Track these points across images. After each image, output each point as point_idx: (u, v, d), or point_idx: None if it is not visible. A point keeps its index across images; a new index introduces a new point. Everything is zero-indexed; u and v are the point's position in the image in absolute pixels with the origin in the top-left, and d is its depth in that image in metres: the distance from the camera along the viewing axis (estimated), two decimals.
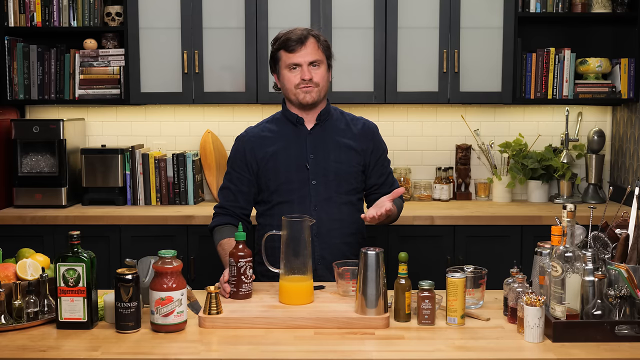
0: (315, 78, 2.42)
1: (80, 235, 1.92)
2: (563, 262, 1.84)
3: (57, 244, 3.37)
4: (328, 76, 2.48)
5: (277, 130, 2.51)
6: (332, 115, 2.53)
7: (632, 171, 3.64)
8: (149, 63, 3.65)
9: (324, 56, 2.45)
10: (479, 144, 3.94)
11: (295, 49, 2.39)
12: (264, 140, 2.49)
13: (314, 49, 2.42)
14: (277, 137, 2.49)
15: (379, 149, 2.56)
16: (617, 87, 3.68)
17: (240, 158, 2.50)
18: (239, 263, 2.14)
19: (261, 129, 2.54)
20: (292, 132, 2.49)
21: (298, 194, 2.44)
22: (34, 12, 3.67)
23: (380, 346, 1.82)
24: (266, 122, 2.56)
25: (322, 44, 2.45)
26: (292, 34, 2.41)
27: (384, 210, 2.27)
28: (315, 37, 2.43)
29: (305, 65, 2.40)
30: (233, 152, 2.54)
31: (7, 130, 3.66)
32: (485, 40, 3.63)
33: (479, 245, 3.42)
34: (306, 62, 2.40)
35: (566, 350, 1.77)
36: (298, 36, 2.40)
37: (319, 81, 2.43)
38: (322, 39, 2.47)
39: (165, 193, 3.72)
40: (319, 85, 2.43)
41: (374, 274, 1.95)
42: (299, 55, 2.40)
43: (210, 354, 1.77)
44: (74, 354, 1.76)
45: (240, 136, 2.55)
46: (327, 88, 2.49)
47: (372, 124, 2.58)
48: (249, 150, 2.49)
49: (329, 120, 2.52)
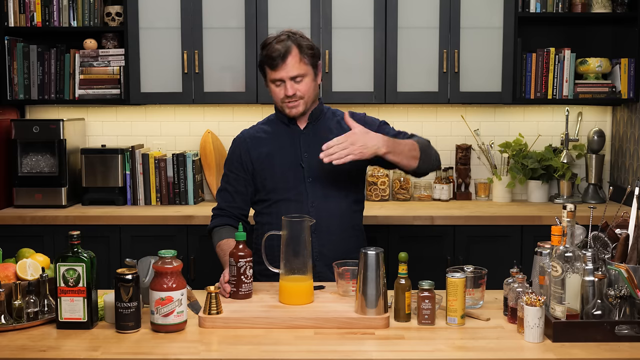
0: (299, 92, 2.39)
1: (80, 235, 1.92)
2: (563, 262, 1.84)
3: (57, 244, 3.37)
4: (315, 83, 2.44)
5: (271, 131, 2.53)
6: (324, 114, 2.54)
7: (632, 171, 3.64)
8: (149, 63, 3.65)
9: (307, 66, 2.39)
10: (479, 144, 3.94)
11: (276, 66, 2.36)
12: (258, 140, 2.51)
13: (295, 62, 2.36)
14: (272, 138, 2.51)
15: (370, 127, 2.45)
16: (617, 87, 3.68)
17: (237, 159, 2.52)
18: (239, 263, 2.14)
19: (256, 130, 2.57)
20: (286, 132, 2.51)
21: (294, 192, 2.45)
22: (34, 12, 3.67)
23: (380, 346, 1.81)
24: (261, 124, 2.59)
25: (306, 53, 2.38)
26: (273, 50, 2.35)
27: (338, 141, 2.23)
28: (297, 47, 2.37)
29: (288, 81, 2.37)
30: (229, 154, 2.56)
31: (7, 130, 3.66)
32: (485, 40, 3.63)
33: (479, 245, 3.42)
34: (288, 78, 2.37)
35: (566, 350, 1.77)
36: (278, 52, 2.34)
37: (304, 94, 2.40)
38: (306, 45, 2.39)
39: (165, 193, 3.72)
40: (304, 97, 2.41)
41: (374, 274, 1.95)
42: (281, 72, 2.36)
43: (210, 354, 1.77)
44: (74, 354, 1.76)
45: (236, 138, 2.58)
46: (315, 94, 2.46)
47: (359, 114, 2.55)
48: (244, 151, 2.51)
49: (322, 119, 2.53)
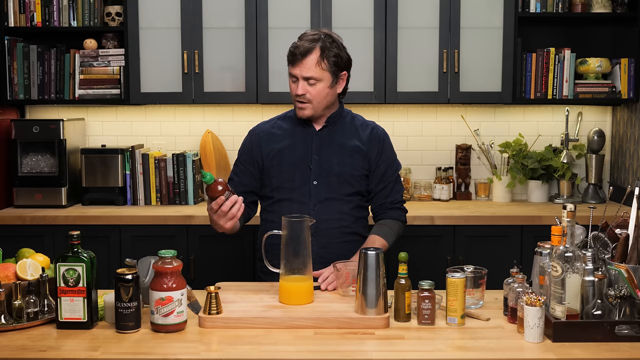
0: (309, 94, 2.37)
1: (80, 235, 1.92)
2: (563, 262, 1.84)
3: (57, 244, 3.37)
4: (331, 91, 2.40)
5: (286, 128, 2.51)
6: (343, 118, 2.52)
7: (632, 171, 3.64)
8: (149, 63, 3.65)
9: (325, 72, 2.35)
10: (479, 144, 3.94)
11: (294, 62, 2.36)
12: (272, 136, 2.50)
13: (312, 65, 2.34)
14: (286, 135, 2.50)
15: (383, 157, 2.49)
16: (617, 87, 3.68)
17: (247, 152, 2.52)
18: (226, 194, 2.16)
19: (272, 125, 2.55)
20: (301, 132, 2.49)
21: (298, 193, 2.44)
22: (34, 12, 3.66)
23: (380, 346, 1.82)
24: (278, 119, 2.57)
25: (328, 58, 2.34)
26: (297, 46, 2.35)
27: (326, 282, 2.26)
28: (321, 50, 2.34)
29: (301, 80, 2.37)
30: (243, 145, 2.56)
31: (7, 130, 3.66)
32: (485, 40, 3.63)
33: (479, 245, 3.42)
34: (301, 77, 2.37)
35: (566, 350, 1.77)
36: (302, 49, 2.34)
37: (313, 98, 2.38)
38: (332, 52, 2.35)
39: (165, 193, 3.72)
40: (312, 102, 2.38)
41: (374, 274, 1.95)
42: (297, 69, 2.36)
43: (210, 354, 1.77)
44: (74, 354, 1.76)
45: (252, 130, 2.57)
46: (328, 102, 2.42)
47: (381, 129, 2.54)
48: (256, 145, 2.50)
49: (339, 123, 2.50)
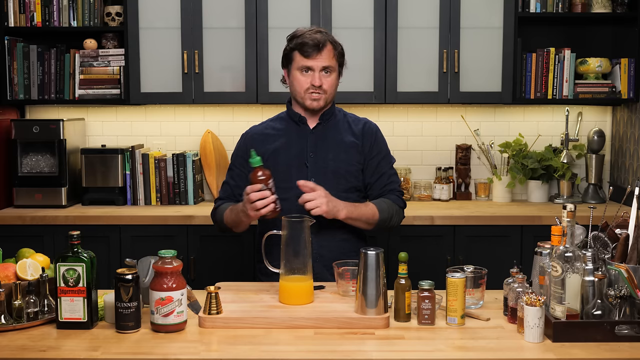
0: (325, 85, 2.42)
1: (80, 235, 1.92)
2: (563, 262, 1.84)
3: (57, 244, 3.37)
4: (337, 82, 2.49)
5: (280, 128, 2.53)
6: (335, 116, 2.55)
7: (632, 171, 3.64)
8: (149, 63, 3.65)
9: (336, 63, 2.45)
10: (479, 144, 3.94)
11: (310, 54, 2.39)
12: (266, 137, 2.52)
13: (330, 55, 2.41)
14: (280, 135, 2.51)
15: (376, 149, 2.54)
16: (617, 87, 3.68)
17: (242, 155, 2.52)
18: (269, 184, 2.22)
19: (264, 126, 2.58)
20: (295, 131, 2.51)
21: (296, 192, 2.44)
22: (34, 12, 3.66)
23: (380, 346, 1.82)
24: (270, 121, 2.60)
25: (337, 50, 2.45)
26: (309, 39, 2.39)
27: None
28: (332, 44, 2.43)
29: (318, 71, 2.41)
30: (236, 149, 2.57)
31: (7, 130, 3.66)
32: (485, 40, 3.63)
33: (479, 245, 3.42)
34: (319, 68, 2.41)
35: (566, 350, 1.77)
36: (315, 42, 2.38)
37: (328, 89, 2.44)
38: (339, 46, 2.46)
39: (165, 193, 3.72)
40: (327, 93, 2.44)
41: (374, 274, 1.95)
42: (314, 61, 2.40)
43: (210, 354, 1.77)
44: (74, 354, 1.76)
45: (244, 133, 2.59)
46: (334, 94, 2.50)
47: (373, 124, 2.59)
48: (250, 147, 2.50)
49: (332, 120, 2.53)
